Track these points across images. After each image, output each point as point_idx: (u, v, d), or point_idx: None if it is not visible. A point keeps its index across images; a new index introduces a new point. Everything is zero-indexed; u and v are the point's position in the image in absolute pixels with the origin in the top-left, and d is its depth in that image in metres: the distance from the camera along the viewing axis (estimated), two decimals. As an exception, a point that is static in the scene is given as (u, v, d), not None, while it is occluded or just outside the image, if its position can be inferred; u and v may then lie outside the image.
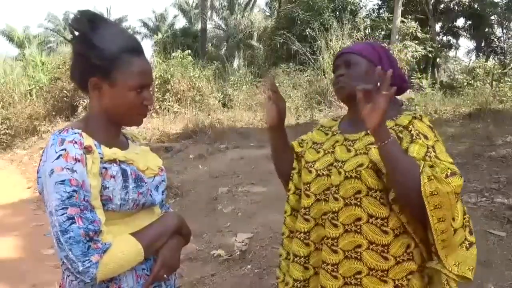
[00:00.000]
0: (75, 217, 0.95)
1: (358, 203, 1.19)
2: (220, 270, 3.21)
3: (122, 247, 1.01)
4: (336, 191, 1.22)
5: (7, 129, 11.21)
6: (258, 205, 4.44)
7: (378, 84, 1.09)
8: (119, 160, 1.07)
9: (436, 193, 1.05)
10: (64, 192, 0.95)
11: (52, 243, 0.99)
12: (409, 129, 1.20)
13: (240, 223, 4.02)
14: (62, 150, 0.98)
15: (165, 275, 1.12)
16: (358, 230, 1.19)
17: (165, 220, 1.15)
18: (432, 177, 1.06)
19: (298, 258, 1.33)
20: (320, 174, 1.30)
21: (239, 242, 3.52)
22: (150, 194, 1.13)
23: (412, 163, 1.10)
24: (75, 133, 1.01)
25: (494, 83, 10.91)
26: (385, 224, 1.17)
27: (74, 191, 0.95)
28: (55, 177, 0.96)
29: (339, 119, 1.46)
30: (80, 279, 0.97)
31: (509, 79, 11.02)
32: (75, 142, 0.99)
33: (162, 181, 1.21)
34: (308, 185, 1.32)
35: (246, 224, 3.98)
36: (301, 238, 1.33)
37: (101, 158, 1.03)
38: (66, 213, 0.94)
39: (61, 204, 0.95)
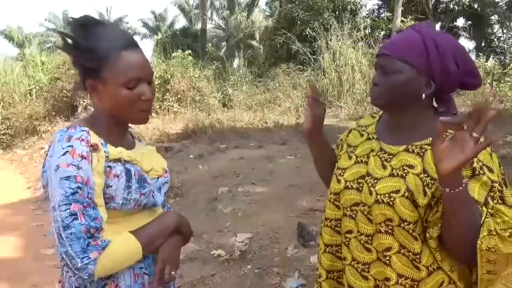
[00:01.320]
0: (78, 213, 0.96)
1: (389, 231, 1.04)
2: (220, 270, 3.21)
3: (121, 244, 1.02)
4: (369, 211, 1.08)
5: (7, 129, 11.20)
6: (258, 205, 4.43)
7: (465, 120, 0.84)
8: (124, 160, 1.07)
9: (494, 250, 0.92)
10: (69, 188, 0.96)
11: (52, 243, 0.99)
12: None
13: (240, 223, 4.02)
14: (69, 146, 0.98)
15: (172, 272, 1.11)
16: (387, 262, 1.06)
17: (164, 219, 1.15)
18: (494, 233, 0.92)
19: (331, 273, 1.25)
20: (349, 186, 1.15)
21: (239, 242, 3.52)
22: (152, 195, 1.13)
23: (476, 211, 0.94)
24: (83, 131, 1.02)
25: (494, 83, 10.91)
26: (417, 259, 1.03)
27: (78, 187, 0.96)
28: (61, 172, 0.97)
29: (377, 116, 1.28)
30: (78, 275, 0.97)
31: (509, 79, 11.03)
32: (82, 140, 1.00)
33: (165, 182, 1.21)
34: (338, 196, 1.19)
35: (246, 224, 3.98)
36: (333, 252, 1.22)
37: (107, 157, 1.04)
38: (69, 209, 0.95)
39: (65, 199, 0.96)
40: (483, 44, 20.06)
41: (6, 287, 3.30)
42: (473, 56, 20.11)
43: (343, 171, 1.19)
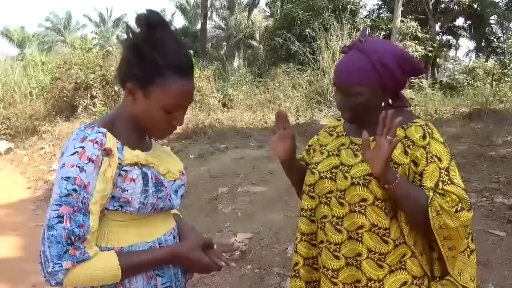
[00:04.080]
0: (65, 217, 0.93)
1: (362, 211, 1.17)
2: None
3: (100, 265, 0.97)
4: (342, 196, 1.21)
5: (7, 129, 11.21)
6: (258, 205, 4.44)
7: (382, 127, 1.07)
8: (140, 163, 1.04)
9: (444, 227, 1.09)
10: (65, 188, 0.94)
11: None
12: (426, 149, 1.15)
13: (240, 223, 4.02)
14: (80, 147, 0.96)
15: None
16: (360, 239, 1.18)
17: (157, 251, 1.09)
18: (441, 212, 1.08)
19: (307, 260, 1.33)
20: (323, 176, 1.27)
21: (239, 242, 3.52)
22: (169, 199, 1.11)
23: (420, 196, 1.10)
24: (99, 133, 0.99)
25: (494, 83, 10.91)
26: (387, 234, 1.17)
27: (74, 190, 0.94)
28: (63, 171, 0.95)
29: (343, 119, 1.40)
30: (47, 278, 0.95)
31: (509, 79, 11.03)
32: (96, 142, 0.97)
33: (182, 185, 1.19)
34: (312, 187, 1.30)
35: (246, 224, 3.98)
36: (308, 240, 1.33)
37: (119, 163, 1.00)
38: (59, 210, 0.93)
39: (58, 199, 0.94)
40: (483, 44, 20.04)
41: (6, 287, 3.30)
42: (473, 56, 20.13)
43: (317, 164, 1.31)
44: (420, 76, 11.48)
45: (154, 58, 1.00)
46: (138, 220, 1.06)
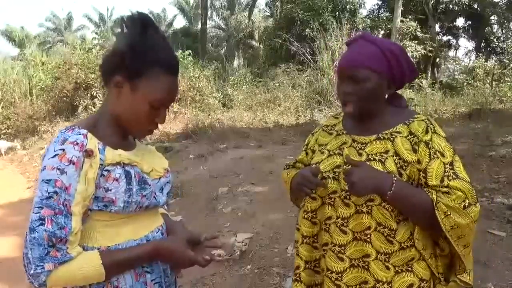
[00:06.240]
0: (46, 219, 0.93)
1: (369, 211, 1.15)
2: (220, 270, 3.21)
3: (82, 265, 0.97)
4: (347, 196, 1.18)
5: (7, 129, 11.23)
6: (258, 205, 4.43)
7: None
8: (123, 163, 1.05)
9: (456, 226, 1.08)
10: (46, 191, 0.95)
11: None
12: (429, 145, 1.15)
13: (240, 223, 4.02)
14: (60, 149, 0.97)
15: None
16: (368, 239, 1.15)
17: (139, 248, 1.07)
18: (449, 212, 1.07)
19: (309, 263, 1.31)
20: (326, 176, 1.23)
21: (239, 242, 3.52)
22: (154, 197, 1.11)
23: (423, 199, 1.09)
24: (79, 134, 1.00)
25: (494, 83, 10.92)
26: (392, 234, 1.15)
27: (55, 192, 0.94)
28: (44, 174, 0.96)
29: (340, 117, 1.38)
30: (30, 280, 0.95)
31: (509, 79, 11.04)
32: (76, 144, 0.98)
33: (167, 182, 1.20)
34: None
35: (246, 224, 3.98)
36: (310, 243, 1.29)
37: (101, 164, 1.01)
38: (40, 212, 0.94)
39: (39, 202, 0.95)
40: (482, 44, 20.03)
41: (6, 287, 3.30)
42: (473, 56, 20.13)
43: (317, 164, 1.27)
44: (420, 76, 11.50)
45: (145, 53, 1.03)
46: (124, 219, 1.07)
